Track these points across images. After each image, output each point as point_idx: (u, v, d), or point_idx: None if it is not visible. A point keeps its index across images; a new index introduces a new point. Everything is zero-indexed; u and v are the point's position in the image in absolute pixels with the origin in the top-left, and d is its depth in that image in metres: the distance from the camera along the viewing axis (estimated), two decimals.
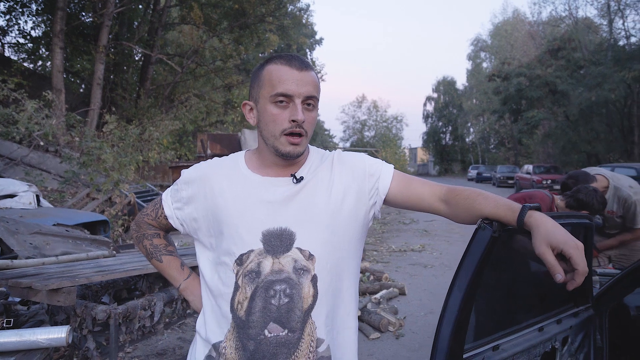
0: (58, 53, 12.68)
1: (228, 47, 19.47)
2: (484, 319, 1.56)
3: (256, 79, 1.11)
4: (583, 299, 1.87)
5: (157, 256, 1.29)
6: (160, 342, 3.77)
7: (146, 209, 1.29)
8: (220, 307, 1.10)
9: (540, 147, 29.92)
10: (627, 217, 3.03)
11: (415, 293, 5.23)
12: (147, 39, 18.50)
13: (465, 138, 49.81)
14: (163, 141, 11.30)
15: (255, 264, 1.05)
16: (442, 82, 51.56)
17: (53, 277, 2.31)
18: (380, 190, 1.17)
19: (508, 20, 42.13)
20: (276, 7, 18.66)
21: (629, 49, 21.52)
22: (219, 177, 1.14)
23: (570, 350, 1.82)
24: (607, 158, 21.51)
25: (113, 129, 8.63)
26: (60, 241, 3.56)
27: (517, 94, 24.28)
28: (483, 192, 1.12)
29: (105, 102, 15.02)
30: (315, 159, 1.18)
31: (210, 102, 19.05)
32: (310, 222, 1.08)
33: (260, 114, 1.09)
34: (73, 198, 7.18)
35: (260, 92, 1.09)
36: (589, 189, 2.78)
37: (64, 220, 4.47)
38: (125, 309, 2.33)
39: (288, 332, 1.03)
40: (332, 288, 1.09)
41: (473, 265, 1.18)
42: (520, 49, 35.80)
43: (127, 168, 7.58)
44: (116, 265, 2.69)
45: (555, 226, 0.95)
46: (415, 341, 3.87)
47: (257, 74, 1.11)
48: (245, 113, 1.16)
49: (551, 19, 29.30)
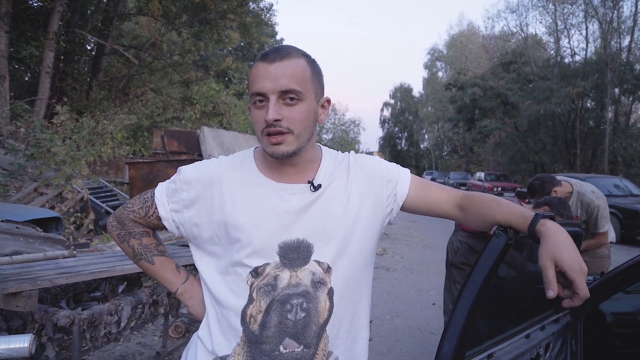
0: (2, 37, 11.88)
1: (187, 42, 18.96)
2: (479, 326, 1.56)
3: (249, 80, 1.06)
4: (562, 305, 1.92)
5: (147, 257, 1.16)
6: (118, 348, 3.57)
7: (131, 205, 1.15)
8: (227, 319, 1.02)
9: (491, 155, 31.23)
10: (590, 222, 3.15)
11: (380, 297, 5.25)
12: (101, 28, 17.69)
13: (420, 144, 51.36)
14: (117, 135, 10.80)
15: (272, 277, 0.99)
16: (399, 88, 52.90)
17: (9, 279, 2.10)
18: (398, 196, 1.13)
19: (463, 32, 43.73)
20: (238, 4, 18.37)
21: (574, 66, 22.92)
22: (229, 180, 1.05)
23: (551, 356, 1.86)
24: (552, 168, 22.77)
25: (64, 121, 8.14)
26: (9, 239, 3.29)
27: (472, 104, 25.25)
28: (497, 199, 1.11)
29: (54, 92, 14.20)
30: (329, 161, 1.11)
31: (167, 98, 18.45)
32: (327, 233, 1.02)
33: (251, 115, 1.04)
34: (18, 193, 6.69)
35: (249, 93, 1.03)
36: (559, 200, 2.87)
37: (11, 216, 4.14)
38: (91, 315, 2.15)
39: (304, 348, 0.98)
40: (347, 300, 1.05)
41: (485, 272, 1.16)
42: (474, 61, 37.22)
43: (79, 162, 7.15)
44: (79, 267, 2.50)
45: (566, 242, 0.92)
46: (382, 345, 3.87)
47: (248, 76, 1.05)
48: None
49: (503, 33, 30.66)
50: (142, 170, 8.71)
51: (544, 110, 19.93)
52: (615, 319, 2.00)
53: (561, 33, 24.65)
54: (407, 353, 3.73)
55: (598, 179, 11.98)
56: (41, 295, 2.44)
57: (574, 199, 3.17)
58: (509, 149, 24.66)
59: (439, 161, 46.43)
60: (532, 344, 1.69)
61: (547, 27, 25.71)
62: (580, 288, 0.89)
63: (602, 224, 3.12)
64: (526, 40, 26.92)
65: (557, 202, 2.70)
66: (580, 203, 3.15)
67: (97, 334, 2.23)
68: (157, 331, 3.87)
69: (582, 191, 3.17)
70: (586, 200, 3.13)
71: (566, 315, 1.95)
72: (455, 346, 1.23)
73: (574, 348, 2.01)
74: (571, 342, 2.00)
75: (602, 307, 2.03)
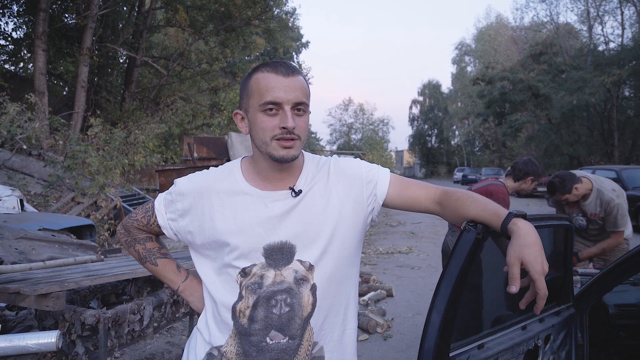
0: (40, 55, 12.50)
1: (214, 50, 19.41)
2: (468, 318, 1.61)
3: (244, 89, 1.12)
4: (564, 298, 1.93)
5: (151, 260, 1.30)
6: (148, 347, 3.76)
7: (135, 215, 1.28)
8: (220, 314, 1.13)
9: (524, 149, 30.41)
10: (608, 221, 3.07)
11: (403, 295, 5.28)
12: (131, 41, 18.35)
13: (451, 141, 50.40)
14: (149, 144, 11.21)
15: (258, 276, 1.08)
16: (428, 85, 52.13)
17: (41, 282, 2.30)
18: (378, 196, 1.20)
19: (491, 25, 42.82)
20: (262, 11, 18.67)
21: (608, 54, 22.08)
22: (217, 191, 1.14)
23: (552, 348, 1.88)
24: (589, 160, 21.96)
25: (98, 132, 8.54)
26: (46, 246, 3.53)
27: (501, 98, 24.69)
28: (473, 195, 1.16)
29: (89, 105, 14.85)
30: (311, 167, 1.19)
31: (197, 105, 18.97)
32: (308, 234, 1.10)
33: (252, 124, 1.10)
34: (57, 202, 7.09)
35: (249, 102, 1.09)
36: (524, 159, 3.17)
37: (49, 224, 4.42)
38: (115, 314, 2.32)
39: (289, 339, 1.08)
40: (330, 295, 1.13)
41: (458, 266, 1.22)
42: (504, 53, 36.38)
43: (112, 172, 7.50)
44: (105, 270, 2.68)
45: (532, 243, 0.98)
46: (403, 342, 3.91)
47: (245, 84, 1.12)
48: (237, 122, 1.16)
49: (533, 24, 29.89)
50: (171, 177, 9.03)
51: (577, 101, 19.31)
52: (619, 310, 2.00)
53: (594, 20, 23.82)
54: None
55: (637, 170, 11.50)
56: (71, 297, 2.64)
57: (593, 196, 3.11)
58: (542, 142, 23.97)
59: (471, 157, 45.47)
60: (528, 335, 1.72)
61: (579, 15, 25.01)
62: (540, 288, 0.96)
63: (621, 223, 3.05)
64: (557, 29, 26.15)
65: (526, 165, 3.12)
66: (600, 201, 3.08)
67: (121, 332, 2.40)
68: (185, 331, 4.05)
69: (602, 189, 3.09)
70: (606, 198, 3.05)
71: (569, 308, 1.96)
72: (436, 340, 1.28)
73: (580, 340, 2.01)
74: (576, 334, 2.00)
75: (606, 300, 2.03)
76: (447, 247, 3.31)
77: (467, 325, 1.57)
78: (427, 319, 1.28)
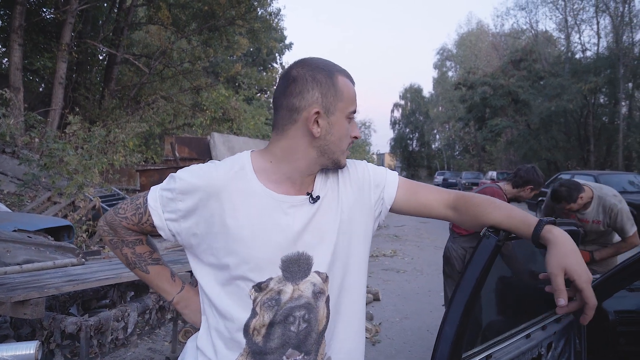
0: (16, 50, 12.09)
1: (196, 49, 19.14)
2: (474, 327, 1.56)
3: (332, 88, 1.01)
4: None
5: (141, 266, 1.15)
6: (129, 354, 3.61)
7: (123, 211, 1.09)
8: (229, 331, 1.01)
9: (503, 154, 30.96)
10: (616, 228, 3.06)
11: (390, 298, 5.24)
12: (112, 38, 17.94)
13: (432, 144, 51.03)
14: (129, 143, 10.95)
15: (276, 292, 0.99)
16: (409, 89, 52.73)
17: (18, 287, 2.16)
18: (385, 200, 1.15)
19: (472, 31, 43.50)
20: (246, 10, 18.47)
21: (585, 62, 22.64)
22: (229, 191, 1.00)
23: (554, 356, 1.85)
24: (566, 165, 22.47)
25: (76, 130, 8.28)
26: (21, 248, 3.36)
27: (482, 103, 25.11)
28: (495, 201, 1.11)
29: (67, 102, 14.44)
30: (321, 172, 1.12)
31: (178, 105, 18.64)
32: (324, 244, 1.03)
33: (333, 126, 1.02)
34: (32, 202, 6.82)
35: (337, 104, 1.02)
36: (527, 166, 3.10)
37: (24, 225, 4.22)
38: (97, 321, 2.19)
39: (304, 356, 1.02)
40: (342, 305, 1.07)
41: (476, 273, 1.17)
42: (484, 59, 36.99)
43: (91, 171, 7.27)
44: (87, 274, 2.55)
45: (573, 250, 0.94)
46: (392, 347, 3.86)
47: (332, 83, 1.01)
48: (310, 119, 1.00)
49: (513, 31, 30.46)
50: (152, 177, 8.83)
51: (555, 107, 19.75)
52: (618, 317, 1.98)
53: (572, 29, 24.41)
54: (416, 355, 3.72)
55: (612, 175, 11.78)
56: (50, 303, 2.50)
57: (594, 204, 3.09)
58: (521, 147, 24.45)
59: (451, 161, 46.08)
60: (532, 344, 1.68)
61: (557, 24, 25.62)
62: (589, 297, 0.91)
63: (629, 226, 3.04)
64: (536, 37, 26.69)
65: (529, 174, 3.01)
66: (602, 208, 3.07)
67: (104, 340, 2.27)
68: (167, 336, 3.92)
69: (603, 195, 3.08)
70: (608, 204, 3.04)
71: (569, 315, 1.93)
72: (450, 347, 1.23)
73: (578, 347, 1.99)
74: (575, 341, 1.98)
75: (605, 306, 2.01)
76: (448, 252, 3.27)
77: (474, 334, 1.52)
78: (440, 331, 1.22)
